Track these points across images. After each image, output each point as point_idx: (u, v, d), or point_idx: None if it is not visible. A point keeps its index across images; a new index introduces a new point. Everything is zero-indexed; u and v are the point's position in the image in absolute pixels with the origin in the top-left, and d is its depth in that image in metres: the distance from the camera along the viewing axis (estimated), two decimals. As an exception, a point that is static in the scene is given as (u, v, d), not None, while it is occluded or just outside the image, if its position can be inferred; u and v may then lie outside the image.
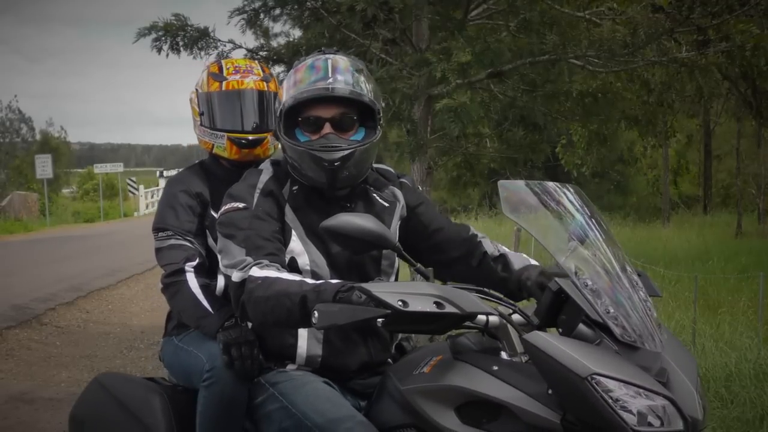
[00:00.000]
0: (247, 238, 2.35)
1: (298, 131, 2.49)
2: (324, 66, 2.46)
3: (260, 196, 2.46)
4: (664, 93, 8.39)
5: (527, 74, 7.51)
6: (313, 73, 2.46)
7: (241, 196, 2.47)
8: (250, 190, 2.48)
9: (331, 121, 2.45)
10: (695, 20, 6.82)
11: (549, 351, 1.91)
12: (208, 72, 3.05)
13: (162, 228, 2.85)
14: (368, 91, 2.48)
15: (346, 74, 2.45)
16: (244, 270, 2.29)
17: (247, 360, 2.42)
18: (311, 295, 2.14)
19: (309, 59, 2.52)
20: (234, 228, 2.40)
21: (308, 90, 2.43)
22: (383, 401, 2.32)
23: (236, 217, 2.42)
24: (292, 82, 2.49)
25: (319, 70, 2.45)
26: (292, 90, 2.47)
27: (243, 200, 2.45)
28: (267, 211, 2.42)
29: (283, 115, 2.48)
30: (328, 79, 2.43)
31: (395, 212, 2.62)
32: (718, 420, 4.85)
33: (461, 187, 11.88)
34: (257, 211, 2.41)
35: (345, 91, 2.43)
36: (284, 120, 2.48)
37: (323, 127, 2.45)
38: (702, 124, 27.74)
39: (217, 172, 2.98)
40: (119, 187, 38.20)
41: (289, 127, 2.49)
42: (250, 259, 2.31)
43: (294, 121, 2.49)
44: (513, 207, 2.23)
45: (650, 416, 1.86)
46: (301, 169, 2.47)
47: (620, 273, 2.14)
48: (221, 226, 2.45)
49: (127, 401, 2.62)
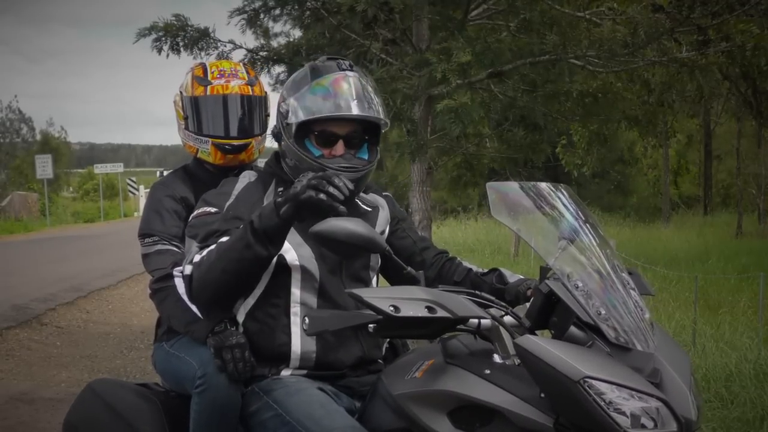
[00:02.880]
0: (206, 235, 2.40)
1: (308, 143, 2.49)
2: (347, 88, 2.45)
3: (233, 201, 2.49)
4: (665, 93, 8.39)
5: (527, 74, 7.51)
6: (337, 92, 2.44)
7: (214, 202, 2.51)
8: (224, 197, 2.52)
9: (344, 138, 2.48)
10: (695, 20, 6.82)
11: (540, 355, 1.91)
12: (193, 75, 3.02)
13: (148, 234, 2.84)
14: (383, 113, 2.50)
15: (367, 97, 2.46)
16: (190, 260, 2.36)
17: (239, 363, 2.41)
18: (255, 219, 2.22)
19: (329, 74, 2.47)
20: (199, 229, 2.44)
21: (334, 111, 2.42)
22: (376, 406, 2.32)
23: (206, 220, 2.47)
24: (312, 95, 2.46)
25: (342, 91, 2.44)
26: (310, 104, 2.45)
27: (215, 206, 2.50)
28: (236, 215, 2.43)
29: (296, 125, 2.46)
30: (353, 101, 2.43)
31: (378, 217, 2.65)
32: (719, 420, 4.84)
33: (461, 187, 11.86)
34: (226, 215, 2.45)
35: (368, 115, 2.45)
36: (296, 130, 2.47)
37: (337, 143, 2.47)
38: (702, 124, 27.77)
39: (202, 175, 2.97)
40: (119, 187, 38.25)
41: (299, 138, 2.48)
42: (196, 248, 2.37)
43: (304, 133, 2.48)
44: (501, 209, 2.22)
45: (644, 418, 1.85)
46: None
47: (611, 273, 2.13)
48: (190, 228, 2.51)
49: (120, 408, 2.61)
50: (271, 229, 2.23)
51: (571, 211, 2.26)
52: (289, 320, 2.45)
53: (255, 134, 2.97)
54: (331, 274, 2.47)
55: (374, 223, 2.62)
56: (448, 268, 2.66)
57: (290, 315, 2.45)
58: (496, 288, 2.51)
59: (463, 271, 2.64)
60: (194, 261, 2.34)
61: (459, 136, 8.01)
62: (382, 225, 2.65)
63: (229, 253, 2.26)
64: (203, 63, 3.10)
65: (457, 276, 2.64)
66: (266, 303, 2.46)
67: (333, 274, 2.48)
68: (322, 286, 2.46)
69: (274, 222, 2.23)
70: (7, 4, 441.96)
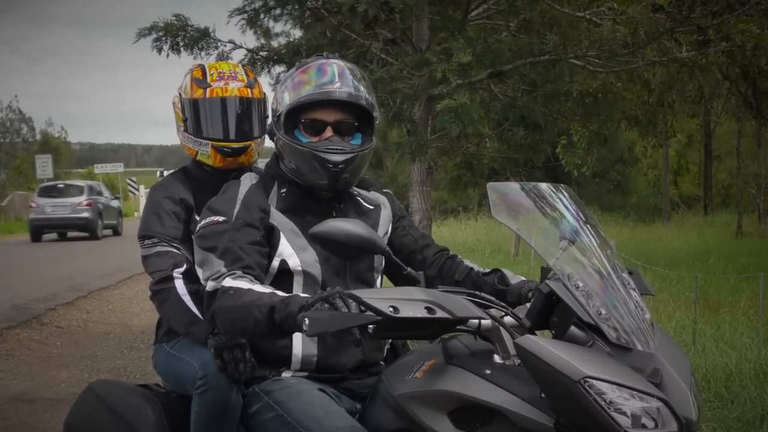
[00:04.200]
0: (226, 250, 2.37)
1: (297, 132, 2.50)
2: (330, 70, 2.47)
3: (241, 208, 2.47)
4: (665, 93, 8.40)
5: (527, 74, 7.51)
6: (319, 76, 2.47)
7: (221, 210, 2.48)
8: (230, 203, 2.49)
9: (333, 125, 2.48)
10: (695, 20, 6.83)
11: (541, 355, 1.90)
12: (192, 77, 3.01)
13: (148, 235, 2.83)
14: (370, 99, 2.51)
15: (351, 80, 2.47)
16: (218, 280, 2.32)
17: (239, 363, 2.41)
18: (280, 306, 2.13)
19: (313, 62, 2.52)
20: (213, 241, 2.41)
21: (315, 93, 2.45)
22: (377, 406, 2.32)
23: (216, 230, 2.43)
24: (296, 83, 2.49)
25: (325, 74, 2.47)
26: (295, 91, 2.48)
27: (223, 213, 2.47)
28: (247, 222, 2.42)
29: (284, 115, 2.49)
30: (335, 83, 2.45)
31: (380, 215, 2.64)
32: (719, 420, 4.84)
33: (461, 187, 11.85)
34: (237, 224, 2.43)
35: (351, 96, 2.45)
36: (284, 120, 2.50)
37: (325, 130, 2.47)
38: (702, 124, 27.77)
39: (201, 177, 2.97)
40: (119, 187, 38.23)
41: (288, 128, 2.50)
42: (224, 269, 2.34)
43: (293, 123, 2.50)
44: (502, 209, 2.22)
45: (644, 418, 1.85)
46: (300, 170, 2.48)
47: (612, 273, 2.13)
48: (201, 239, 2.47)
49: (120, 409, 2.61)
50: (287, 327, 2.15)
51: (571, 211, 2.25)
52: None
53: (254, 137, 2.97)
54: (336, 276, 2.47)
55: (376, 221, 2.61)
56: (449, 267, 2.65)
57: None
58: (498, 289, 2.50)
59: (464, 270, 2.63)
60: (224, 285, 2.29)
61: (459, 136, 8.01)
62: (385, 224, 2.65)
63: (252, 309, 2.18)
64: (202, 64, 3.09)
65: (458, 275, 2.62)
66: None
67: (337, 276, 2.47)
68: (324, 289, 2.45)
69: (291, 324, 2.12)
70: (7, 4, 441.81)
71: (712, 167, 28.92)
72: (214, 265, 2.37)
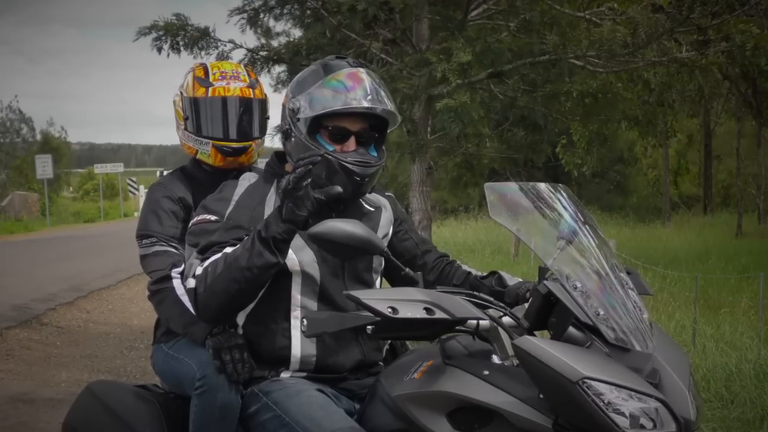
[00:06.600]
0: (207, 246, 2.38)
1: (320, 138, 2.46)
2: (362, 81, 2.44)
3: (234, 208, 2.46)
4: (665, 93, 8.39)
5: (527, 74, 7.50)
6: (351, 85, 2.43)
7: (215, 209, 2.48)
8: (224, 203, 2.49)
9: (356, 135, 2.46)
10: (695, 20, 6.83)
11: (539, 355, 1.90)
12: (194, 75, 3.01)
13: (146, 235, 2.82)
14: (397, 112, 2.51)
15: (381, 92, 2.46)
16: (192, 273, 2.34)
17: (238, 364, 2.41)
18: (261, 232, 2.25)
19: (340, 68, 2.46)
20: (200, 238, 2.42)
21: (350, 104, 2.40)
22: (375, 407, 2.32)
23: (207, 228, 2.43)
24: (326, 89, 2.44)
25: (357, 84, 2.43)
26: (325, 98, 2.42)
27: (216, 213, 2.46)
28: (237, 224, 2.42)
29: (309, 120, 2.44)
30: (368, 95, 2.43)
31: (381, 217, 2.64)
32: (719, 420, 4.85)
33: (461, 187, 11.87)
34: (227, 224, 2.43)
35: (386, 111, 2.45)
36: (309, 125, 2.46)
37: (349, 139, 2.45)
38: (702, 124, 27.77)
39: (200, 176, 2.96)
40: (119, 187, 38.26)
41: (310, 133, 2.46)
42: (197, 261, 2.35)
43: (315, 128, 2.46)
44: (500, 210, 2.22)
45: (642, 418, 1.85)
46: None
47: (610, 274, 2.13)
48: (190, 236, 2.48)
49: (119, 409, 2.61)
50: (278, 234, 2.25)
51: (569, 211, 2.25)
52: (289, 324, 2.44)
53: (255, 137, 2.96)
54: (334, 276, 2.46)
55: (377, 223, 2.61)
56: (448, 272, 2.67)
57: (290, 318, 2.44)
58: (496, 291, 2.51)
59: (462, 274, 2.65)
60: (196, 274, 2.32)
61: (459, 136, 8.01)
62: (386, 226, 2.64)
63: (238, 262, 2.25)
64: (204, 63, 3.09)
65: (456, 279, 2.64)
66: (266, 306, 2.45)
67: (335, 277, 2.47)
68: (322, 289, 2.44)
69: (280, 228, 2.25)
70: (8, 5, 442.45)
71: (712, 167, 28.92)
72: (193, 262, 2.37)
